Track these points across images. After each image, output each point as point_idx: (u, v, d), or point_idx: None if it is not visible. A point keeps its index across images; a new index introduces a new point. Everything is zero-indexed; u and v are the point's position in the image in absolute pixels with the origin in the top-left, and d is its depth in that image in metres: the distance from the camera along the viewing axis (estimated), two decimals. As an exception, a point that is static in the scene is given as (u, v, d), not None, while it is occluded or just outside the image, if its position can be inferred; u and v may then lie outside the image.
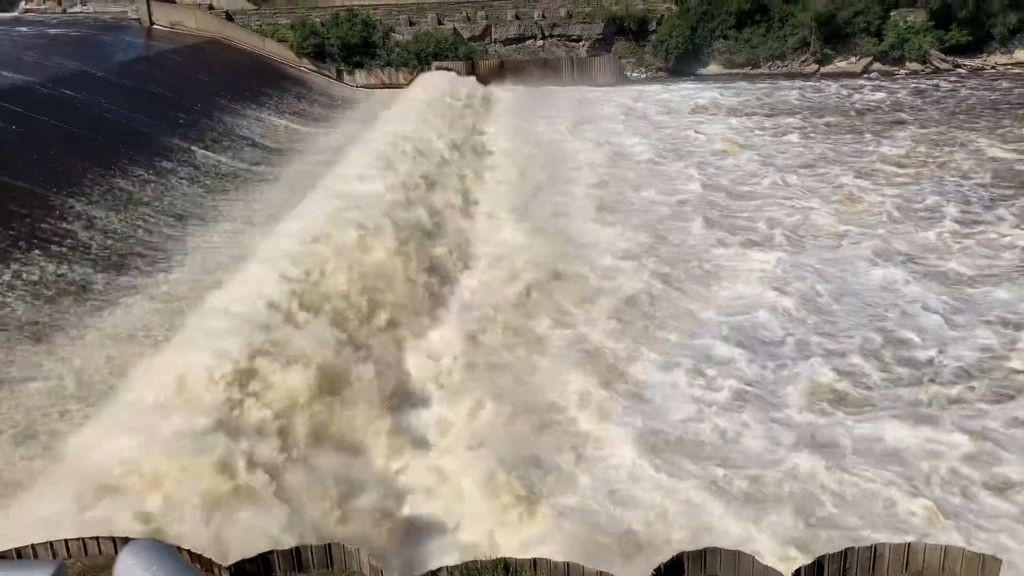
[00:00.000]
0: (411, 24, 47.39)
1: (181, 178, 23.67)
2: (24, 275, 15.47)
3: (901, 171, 26.98)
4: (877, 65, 45.97)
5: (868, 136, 31.80)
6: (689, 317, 16.81)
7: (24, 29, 41.69)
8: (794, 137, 31.86)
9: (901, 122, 34.01)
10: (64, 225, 18.02)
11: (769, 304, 17.12)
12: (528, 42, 48.23)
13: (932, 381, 14.17)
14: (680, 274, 18.89)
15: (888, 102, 38.39)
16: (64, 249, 17.00)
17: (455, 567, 7.62)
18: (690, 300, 17.59)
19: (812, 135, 32.30)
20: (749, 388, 14.10)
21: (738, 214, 23.30)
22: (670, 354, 15.20)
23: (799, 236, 21.36)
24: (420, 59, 44.99)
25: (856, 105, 38.02)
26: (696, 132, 33.32)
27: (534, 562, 7.55)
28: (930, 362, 14.87)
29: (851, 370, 14.59)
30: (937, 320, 16.44)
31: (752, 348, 15.43)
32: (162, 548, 1.90)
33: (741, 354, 15.13)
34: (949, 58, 45.54)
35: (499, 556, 7.95)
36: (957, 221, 21.98)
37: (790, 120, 35.01)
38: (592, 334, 15.84)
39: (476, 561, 7.70)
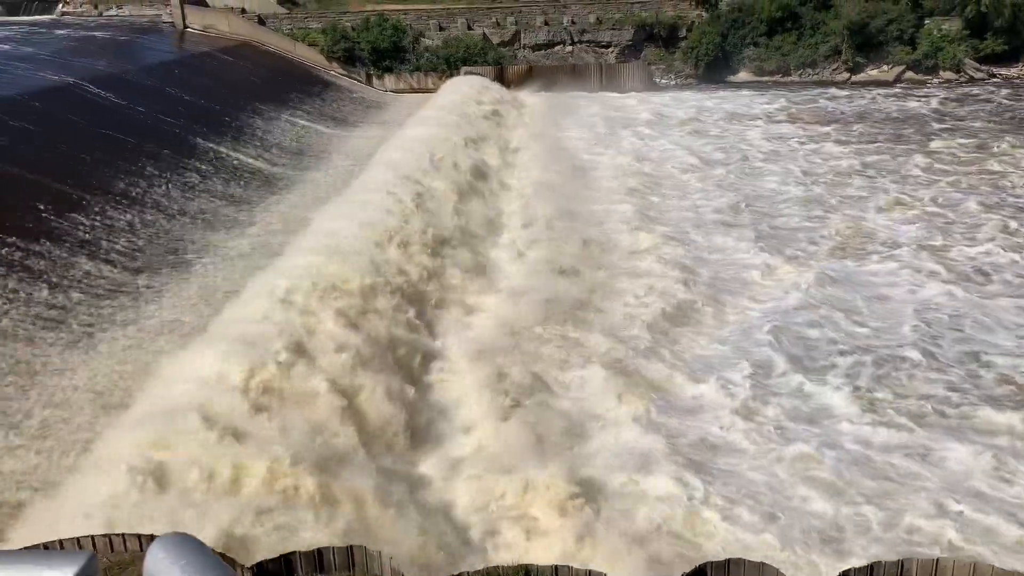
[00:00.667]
0: (441, 29, 47.63)
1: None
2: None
3: (950, 179, 26.42)
4: (909, 74, 45.47)
5: (914, 144, 31.31)
6: (739, 325, 16.55)
7: (64, 32, 42.51)
8: (835, 146, 31.42)
9: (949, 129, 33.48)
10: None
11: (824, 316, 16.73)
12: (557, 48, 48.27)
13: (1012, 399, 13.55)
14: (729, 283, 18.65)
15: (927, 110, 37.79)
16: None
17: (477, 572, 7.61)
18: (738, 310, 17.32)
19: (859, 142, 31.83)
20: (807, 403, 13.64)
21: (788, 222, 22.99)
22: (723, 364, 14.87)
23: (852, 245, 20.87)
24: (449, 64, 45.18)
25: (895, 113, 37.47)
26: (741, 139, 33.06)
27: (555, 568, 7.53)
28: (1004, 376, 14.33)
29: (913, 384, 14.06)
30: (1007, 335, 15.83)
31: (810, 361, 15.02)
32: (192, 542, 1.89)
33: (798, 367, 14.69)
34: (984, 67, 44.95)
35: (521, 563, 7.93)
36: (1015, 234, 21.32)
37: (831, 128, 34.54)
38: (641, 343, 15.51)
39: (498, 567, 7.69)
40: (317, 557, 7.81)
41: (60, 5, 54.19)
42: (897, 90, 43.08)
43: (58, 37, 39.91)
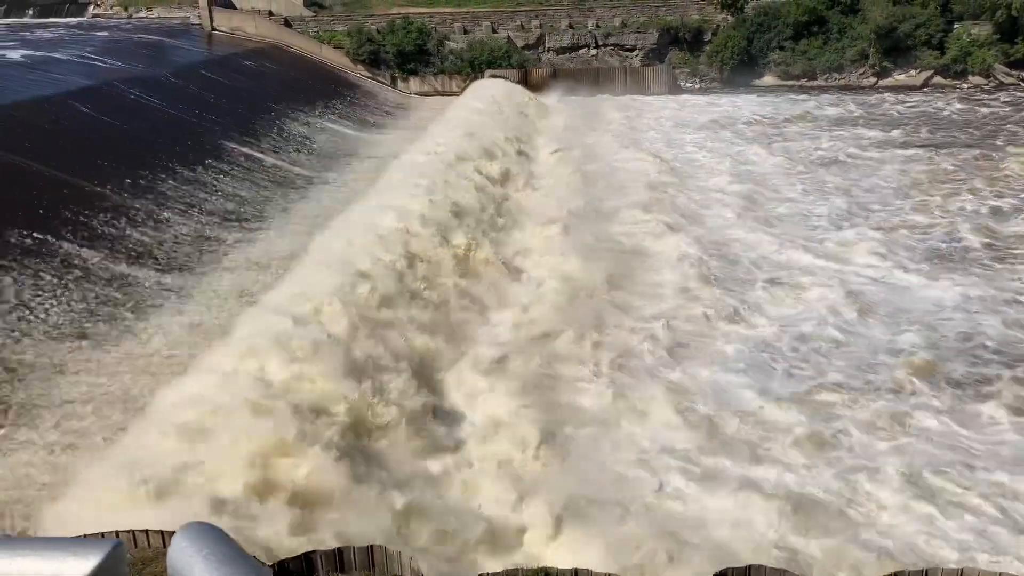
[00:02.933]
0: (465, 32, 47.77)
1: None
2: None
3: None
4: (937, 79, 44.95)
5: (980, 150, 30.39)
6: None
7: (105, 34, 43.68)
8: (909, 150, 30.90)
9: (1010, 134, 32.78)
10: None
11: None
12: (582, 51, 48.24)
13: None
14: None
15: (984, 115, 37.02)
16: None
17: (496, 574, 7.59)
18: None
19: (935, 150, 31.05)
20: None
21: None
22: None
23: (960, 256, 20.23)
24: (474, 67, 45.32)
25: (936, 118, 36.89)
26: (791, 141, 32.97)
27: (575, 572, 7.50)
28: None
29: None
30: None
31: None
32: (216, 532, 1.91)
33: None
34: (1014, 72, 44.37)
35: (540, 566, 7.92)
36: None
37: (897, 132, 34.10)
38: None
39: (517, 569, 7.67)
40: (337, 556, 7.84)
41: (91, 7, 54.96)
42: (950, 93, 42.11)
43: (103, 39, 41.00)
